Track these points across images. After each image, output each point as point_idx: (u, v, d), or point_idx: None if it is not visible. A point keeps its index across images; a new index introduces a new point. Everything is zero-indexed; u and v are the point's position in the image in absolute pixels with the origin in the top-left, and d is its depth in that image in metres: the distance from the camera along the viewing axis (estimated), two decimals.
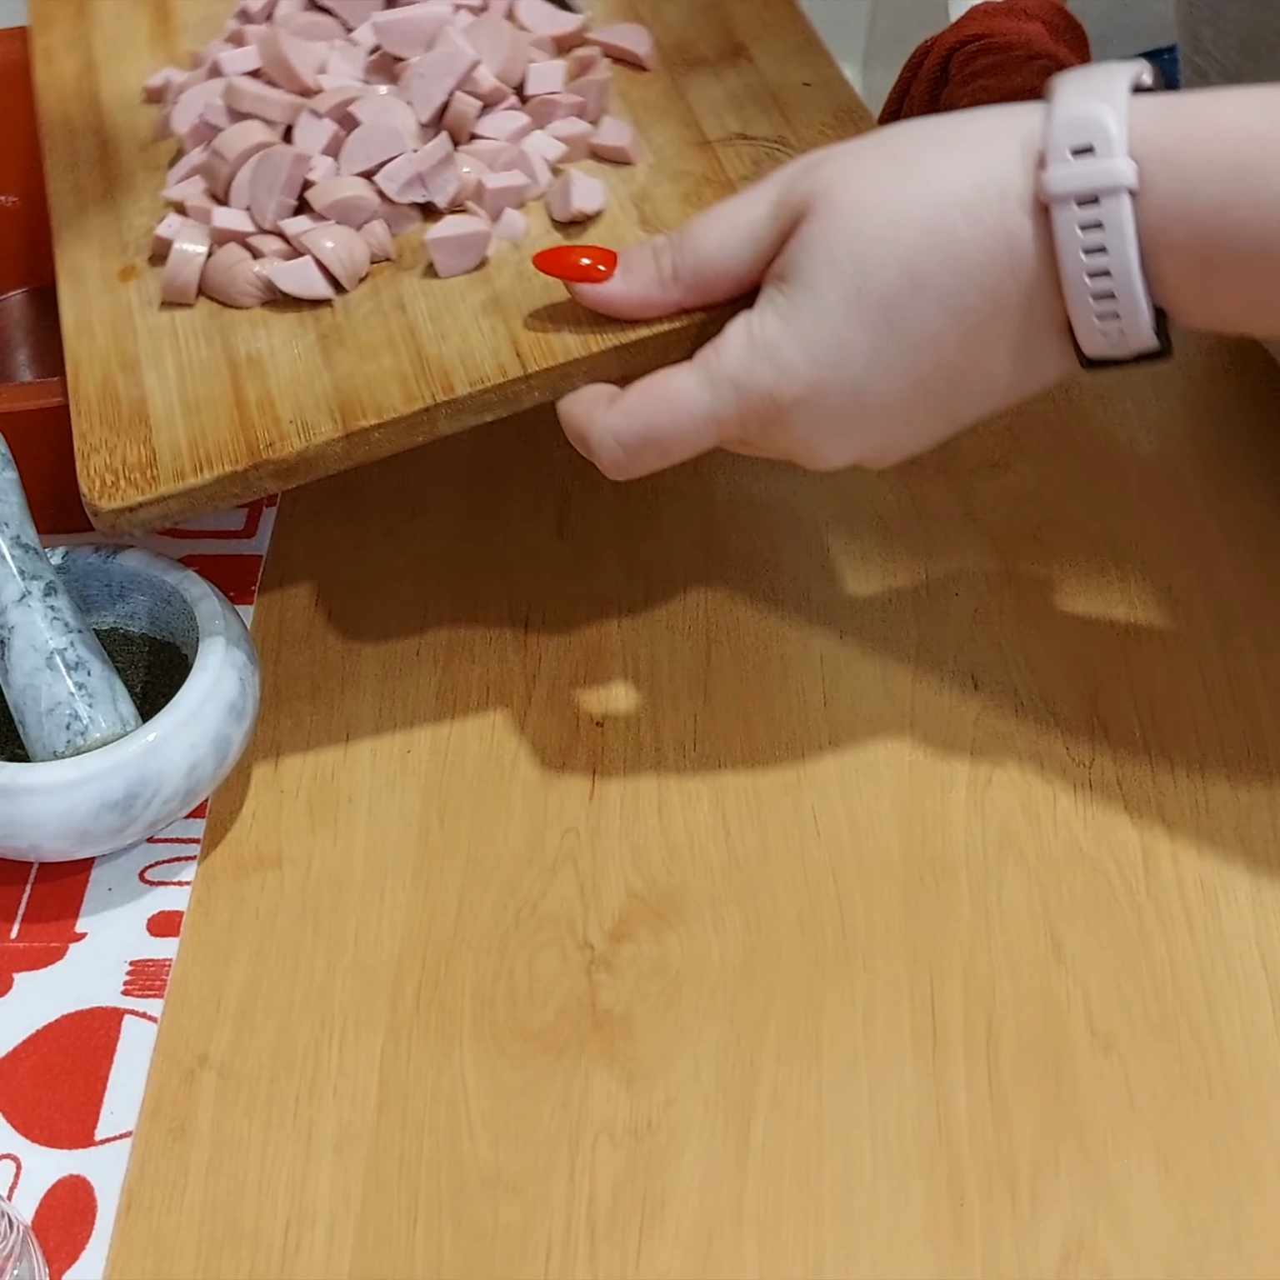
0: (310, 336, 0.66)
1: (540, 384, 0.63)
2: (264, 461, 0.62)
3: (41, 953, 0.65)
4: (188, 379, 0.66)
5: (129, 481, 0.63)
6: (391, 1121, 0.61)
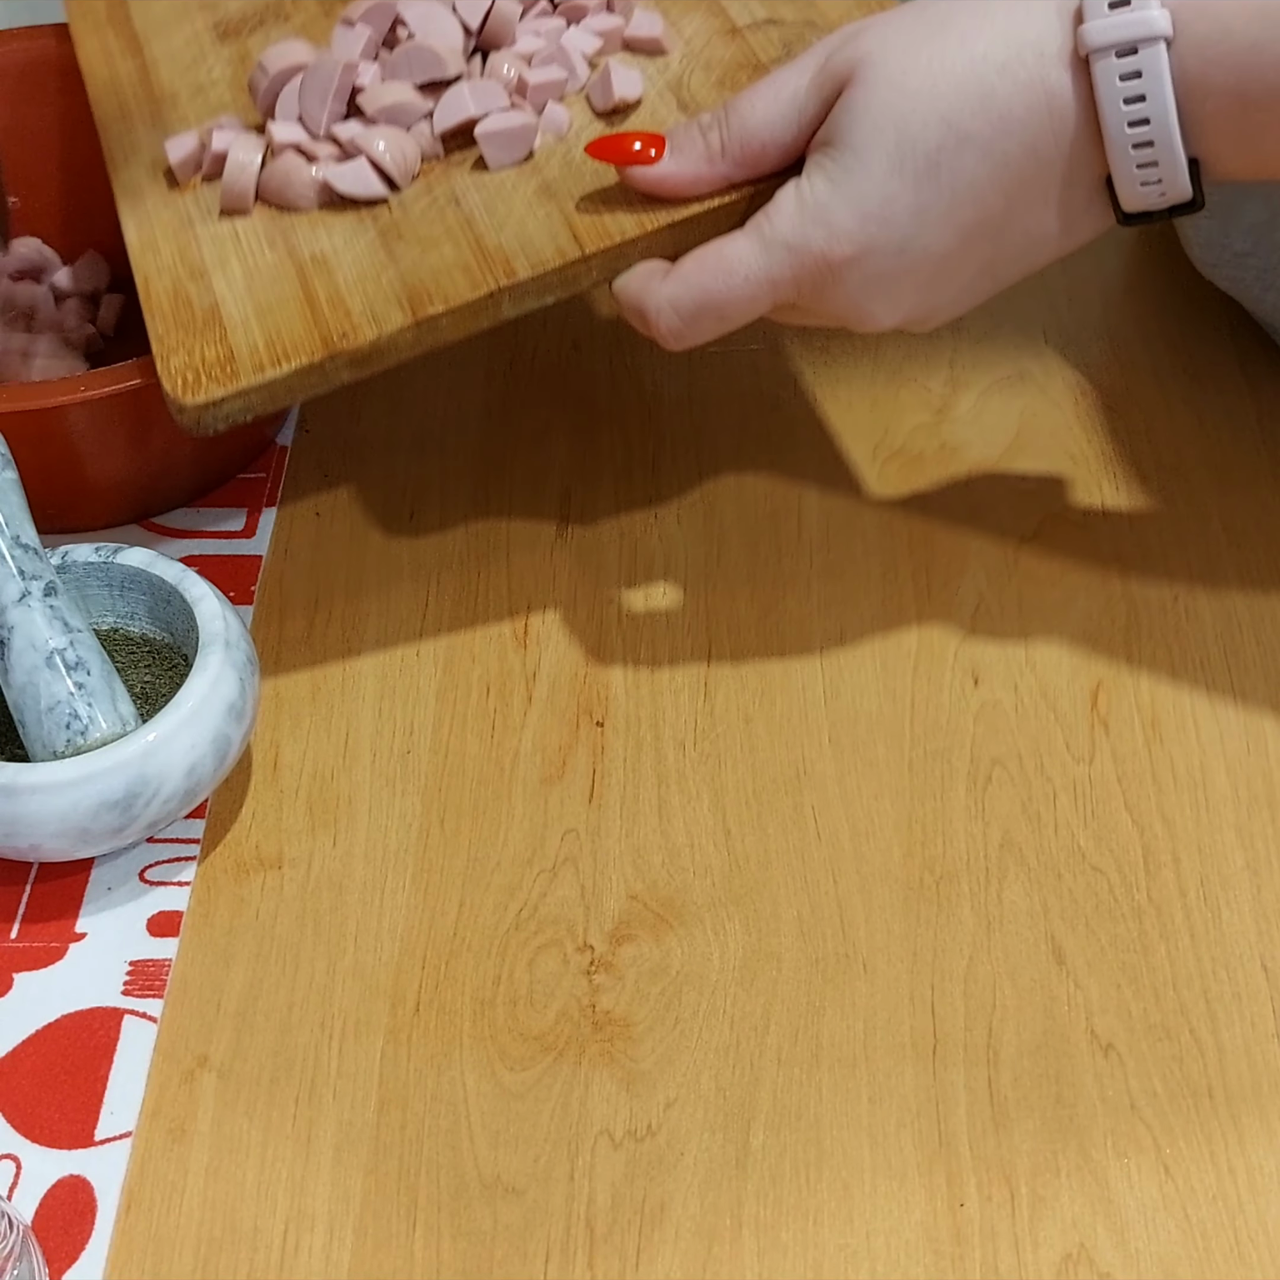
0: (370, 234, 0.69)
1: (598, 264, 0.65)
2: (339, 352, 0.65)
3: (41, 953, 0.65)
4: (256, 282, 0.68)
5: (210, 378, 0.66)
6: (391, 1123, 0.61)
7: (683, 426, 0.83)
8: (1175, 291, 0.88)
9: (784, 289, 0.63)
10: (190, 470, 0.79)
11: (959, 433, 0.82)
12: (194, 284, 0.69)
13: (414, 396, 0.85)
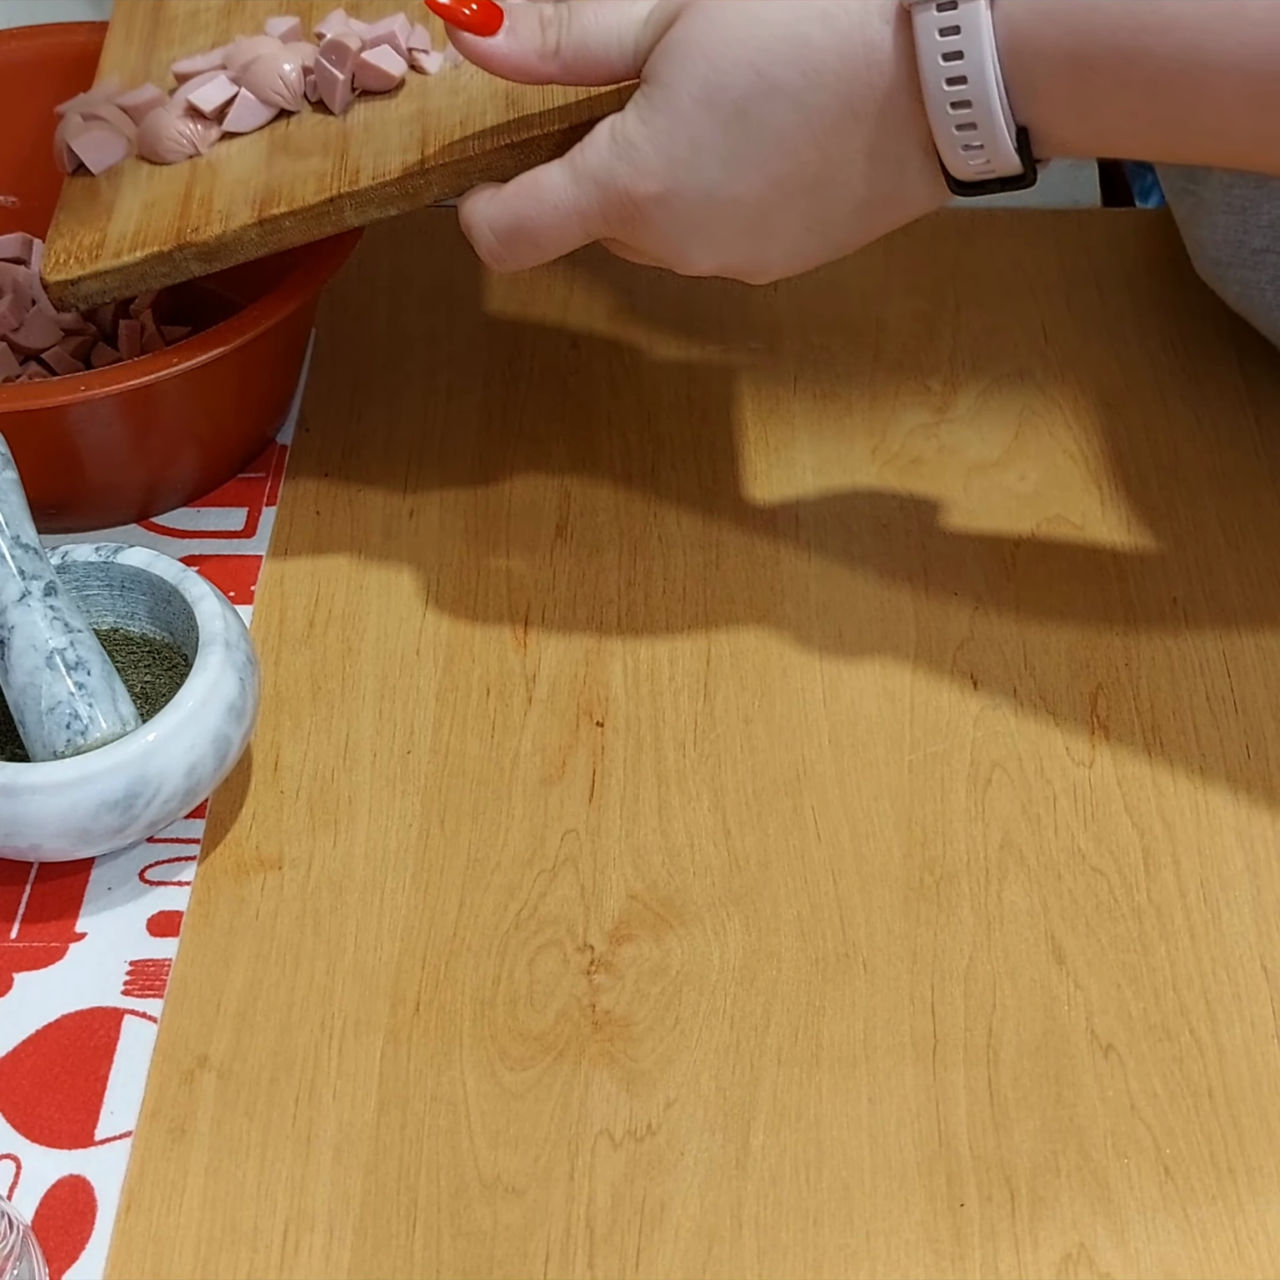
0: (263, 145, 0.73)
1: (437, 179, 0.68)
2: (187, 244, 0.70)
3: (41, 953, 0.65)
4: (156, 183, 0.74)
5: (76, 260, 0.71)
6: (391, 1123, 0.61)
7: (682, 428, 0.83)
8: (1175, 292, 0.88)
9: (593, 222, 0.64)
10: (190, 470, 0.79)
11: (958, 433, 0.82)
12: (107, 182, 0.75)
13: (414, 397, 0.85)
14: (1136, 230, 0.92)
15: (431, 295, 0.90)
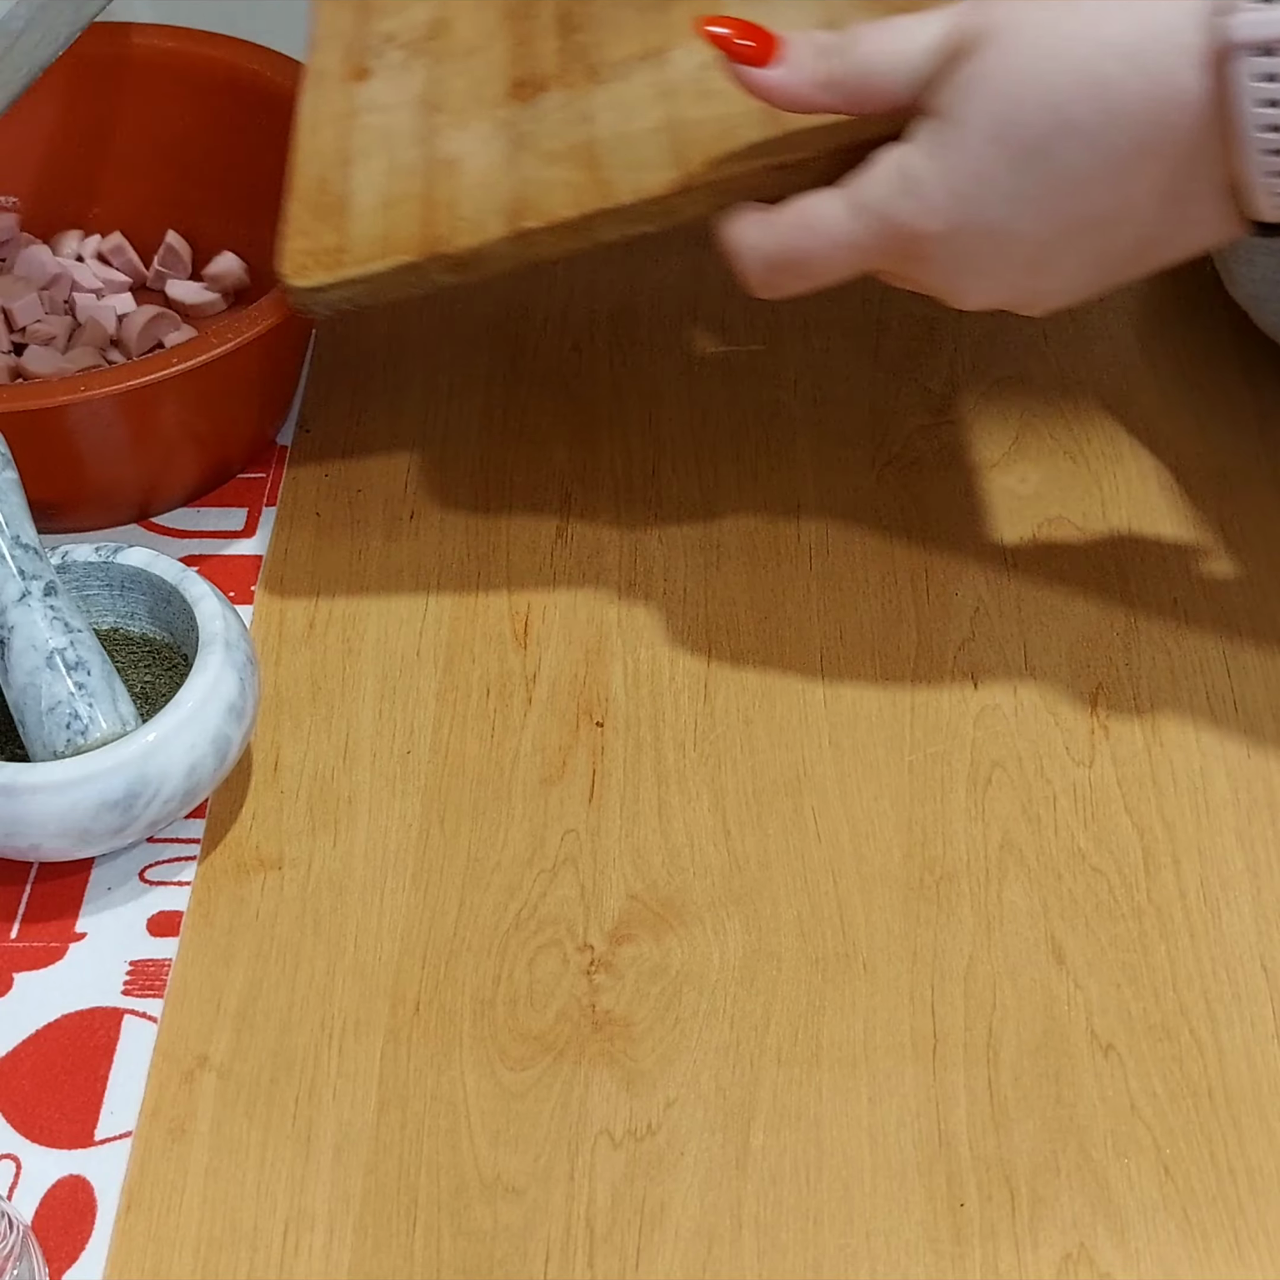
0: (503, 142, 0.70)
1: (699, 199, 0.65)
2: (438, 255, 0.67)
3: (41, 953, 0.65)
4: (392, 178, 0.70)
5: (319, 264, 0.68)
6: (391, 1123, 0.61)
7: (682, 429, 0.83)
8: (1176, 293, 0.88)
9: (869, 255, 0.62)
10: (190, 470, 0.79)
11: (959, 434, 0.83)
12: (338, 171, 0.71)
13: (415, 398, 0.85)
14: None
15: (432, 296, 0.89)
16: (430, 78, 0.74)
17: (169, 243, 0.87)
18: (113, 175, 0.87)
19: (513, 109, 0.72)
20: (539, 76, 0.73)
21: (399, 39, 0.77)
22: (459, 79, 0.74)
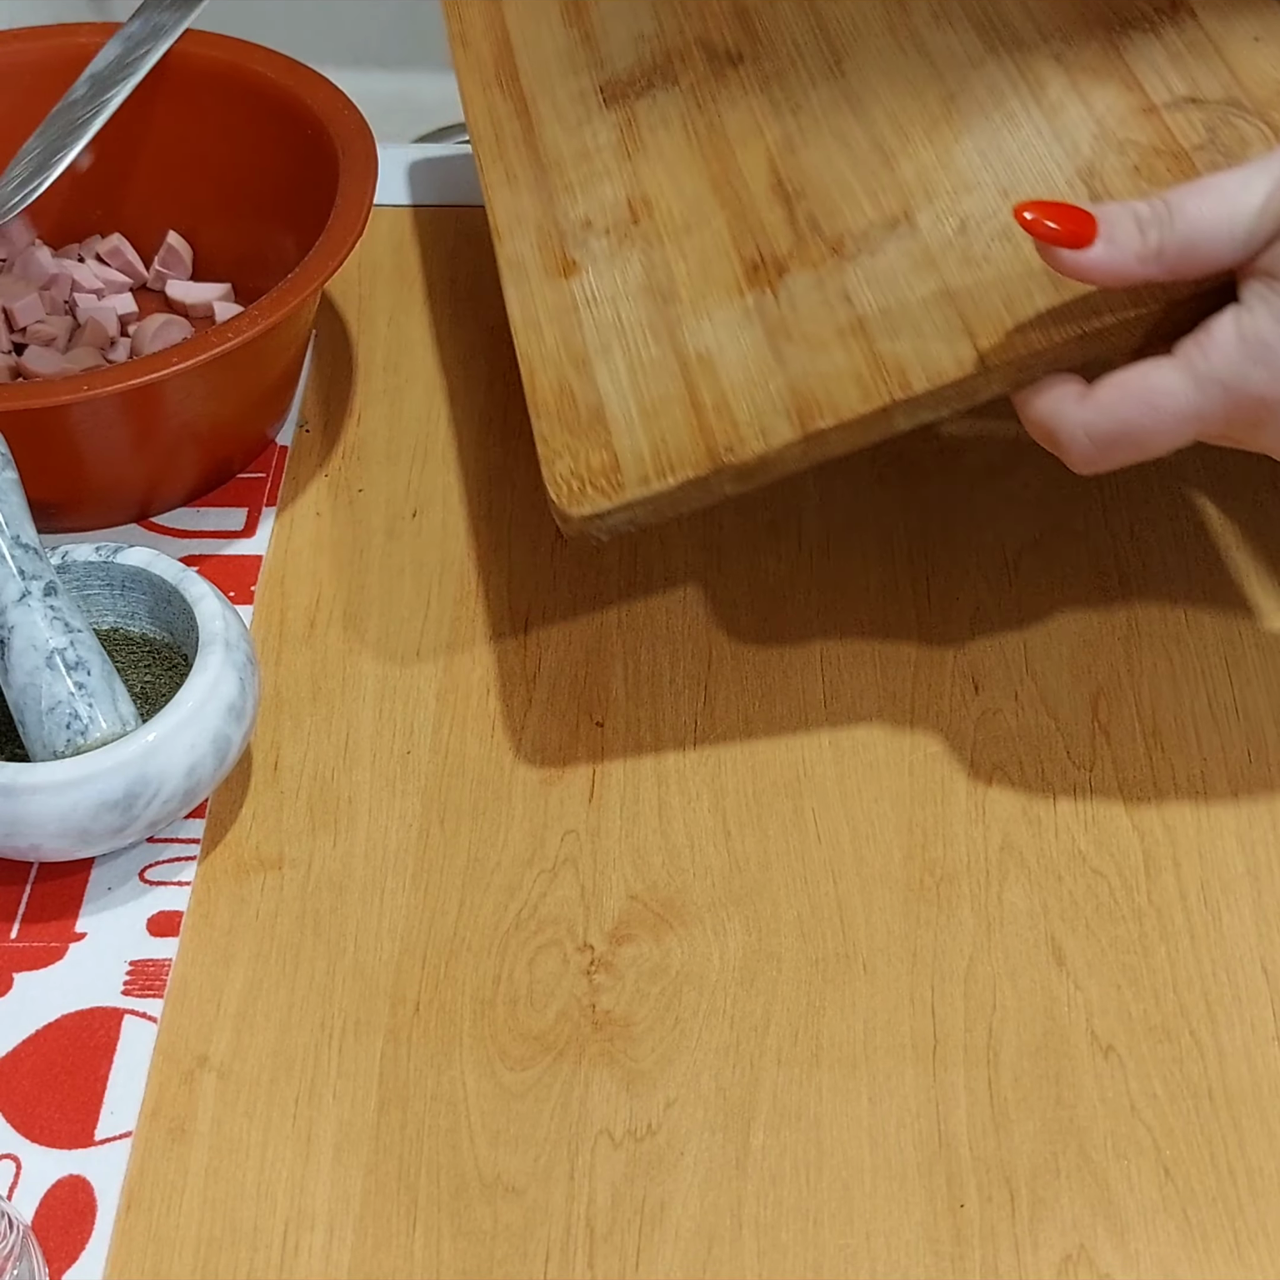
0: (757, 330, 0.66)
1: (999, 377, 0.62)
2: (724, 466, 0.63)
3: (41, 953, 0.65)
4: (640, 379, 0.66)
5: (595, 488, 0.64)
6: (391, 1123, 0.61)
7: None
8: None
9: (1213, 425, 0.59)
10: (190, 470, 0.79)
11: (960, 436, 0.82)
12: (577, 376, 0.67)
13: (415, 398, 0.85)
14: None
15: (432, 296, 0.90)
16: (649, 264, 0.70)
17: (169, 243, 0.87)
18: (113, 175, 0.87)
19: (755, 293, 0.67)
20: (774, 255, 0.68)
21: (598, 224, 0.72)
22: (682, 263, 0.69)
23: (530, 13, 0.82)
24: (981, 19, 0.73)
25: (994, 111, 0.69)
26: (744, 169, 0.71)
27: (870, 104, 0.71)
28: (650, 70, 0.77)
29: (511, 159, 0.76)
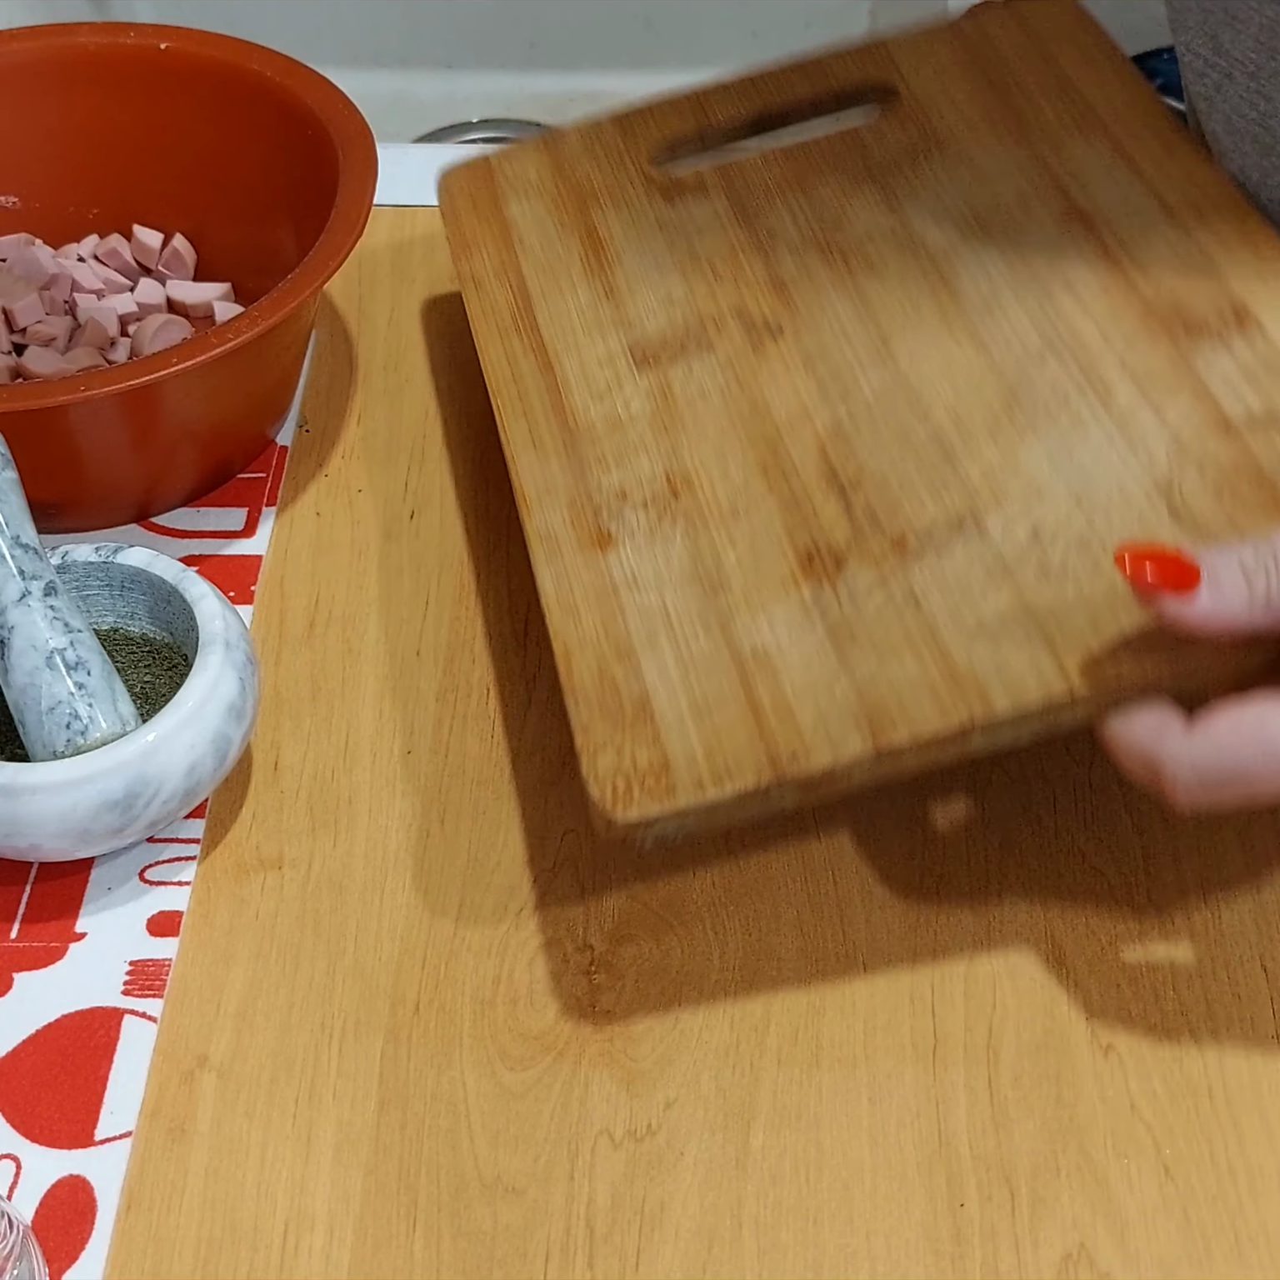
0: (819, 630, 0.62)
1: (1086, 705, 0.58)
2: (787, 777, 0.58)
3: (41, 953, 0.65)
4: (691, 673, 0.62)
5: (643, 790, 0.59)
6: (391, 1123, 0.61)
7: None
8: None
9: None
10: (190, 470, 0.79)
11: None
12: (620, 665, 0.63)
13: (414, 398, 0.85)
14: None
15: (432, 296, 0.90)
16: (694, 548, 0.65)
17: (172, 244, 0.87)
18: (113, 175, 0.87)
19: (812, 587, 0.63)
20: (831, 547, 0.64)
21: (635, 496, 0.68)
22: (731, 550, 0.65)
23: (548, 260, 0.78)
24: (1038, 313, 0.70)
25: (1060, 414, 0.66)
26: (793, 453, 0.67)
27: (926, 394, 0.68)
28: (684, 335, 0.73)
29: (537, 421, 0.72)
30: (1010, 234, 0.73)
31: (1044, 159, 0.76)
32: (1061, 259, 0.72)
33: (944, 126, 0.79)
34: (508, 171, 0.83)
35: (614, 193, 0.80)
